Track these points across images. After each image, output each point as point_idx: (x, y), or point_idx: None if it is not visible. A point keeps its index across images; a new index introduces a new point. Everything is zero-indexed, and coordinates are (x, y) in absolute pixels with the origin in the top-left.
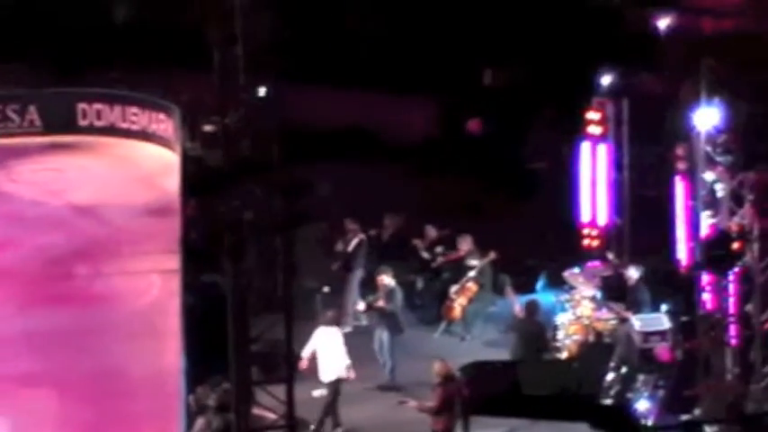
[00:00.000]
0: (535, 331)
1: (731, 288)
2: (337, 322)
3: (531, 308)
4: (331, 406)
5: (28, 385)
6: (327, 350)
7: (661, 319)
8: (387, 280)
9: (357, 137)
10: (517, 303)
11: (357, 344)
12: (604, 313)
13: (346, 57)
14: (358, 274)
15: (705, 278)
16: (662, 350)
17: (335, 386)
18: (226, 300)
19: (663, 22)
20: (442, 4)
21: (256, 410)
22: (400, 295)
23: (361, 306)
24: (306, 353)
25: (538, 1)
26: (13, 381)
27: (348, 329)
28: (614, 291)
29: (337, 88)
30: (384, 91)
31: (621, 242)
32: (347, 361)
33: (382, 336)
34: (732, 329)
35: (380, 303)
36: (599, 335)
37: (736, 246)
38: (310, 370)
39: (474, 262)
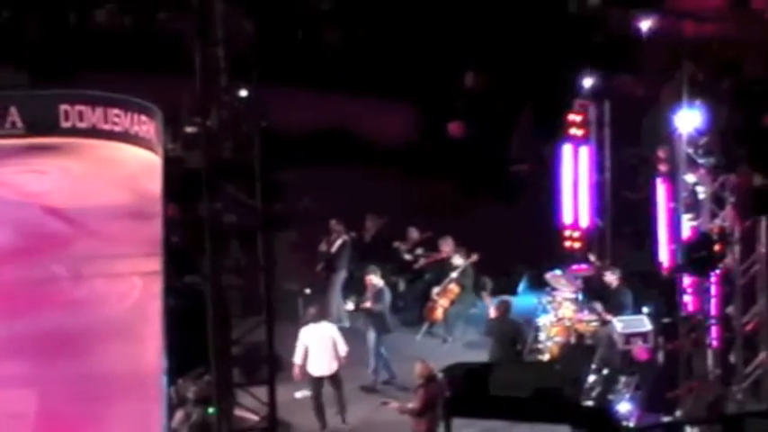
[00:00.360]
0: (510, 330)
1: (712, 290)
2: (323, 317)
3: (503, 307)
4: (317, 401)
5: (10, 388)
6: (317, 346)
7: (642, 321)
8: (375, 280)
9: (338, 139)
10: (492, 306)
11: (350, 344)
12: (586, 315)
13: (328, 60)
14: (341, 275)
15: (686, 280)
16: (639, 350)
17: (317, 381)
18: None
19: (644, 25)
20: (424, 7)
21: (238, 412)
22: (389, 296)
23: (350, 306)
24: (298, 358)
25: (519, 4)
26: None
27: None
28: (596, 292)
29: (319, 91)
30: (366, 93)
31: (603, 244)
32: (340, 353)
33: (369, 336)
34: (713, 331)
35: (368, 304)
36: (580, 336)
37: (717, 248)
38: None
39: (457, 262)
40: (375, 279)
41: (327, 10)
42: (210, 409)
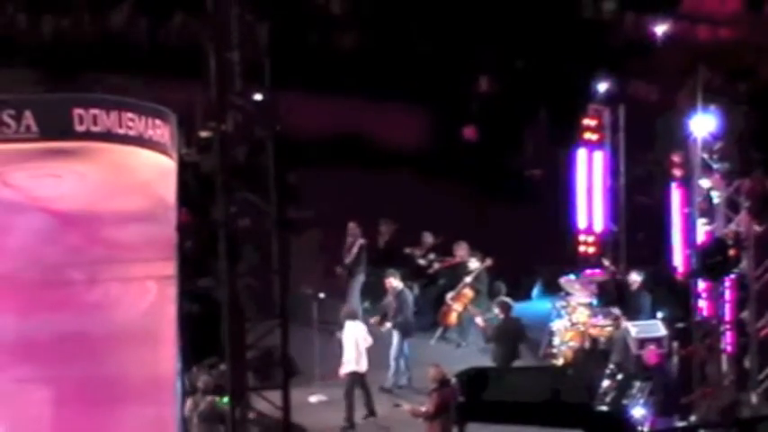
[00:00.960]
0: (513, 329)
1: (727, 295)
2: (354, 316)
3: (505, 306)
4: (349, 400)
5: (25, 391)
6: (348, 343)
7: (657, 326)
8: (395, 282)
9: (352, 143)
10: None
11: None
12: (600, 320)
13: (342, 64)
14: (360, 279)
15: (701, 285)
16: (650, 354)
17: (352, 378)
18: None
19: (659, 29)
20: (439, 12)
21: (252, 416)
22: (411, 297)
23: (373, 320)
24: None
25: (534, 9)
26: (11, 387)
27: None
28: (611, 297)
29: (332, 95)
30: (380, 98)
31: (617, 249)
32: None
33: (393, 339)
34: (728, 336)
35: (388, 324)
36: (594, 341)
37: (731, 253)
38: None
39: (472, 266)
40: (395, 282)
41: (341, 14)
42: (224, 399)
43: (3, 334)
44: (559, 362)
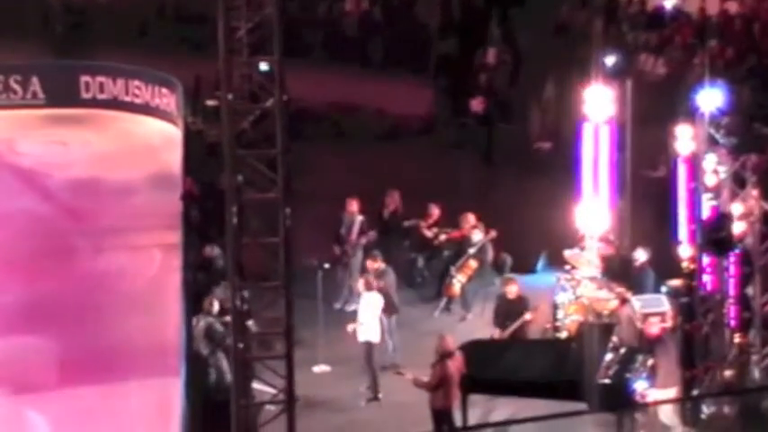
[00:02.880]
0: (519, 309)
1: (731, 270)
2: (370, 287)
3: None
4: (368, 366)
5: (29, 358)
6: (363, 313)
7: (661, 300)
8: (376, 265)
9: (359, 115)
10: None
11: None
12: (604, 293)
13: (350, 35)
14: (359, 255)
15: (706, 260)
16: (650, 325)
17: (367, 347)
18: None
19: (668, 3)
20: None
21: (256, 385)
22: (393, 276)
23: (360, 285)
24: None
25: None
26: (16, 354)
27: (353, 307)
28: (615, 271)
29: (340, 66)
30: (387, 70)
31: (623, 223)
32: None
33: (381, 318)
34: (732, 311)
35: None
36: (598, 315)
37: (737, 228)
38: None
39: (476, 238)
40: (376, 264)
41: None
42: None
43: (8, 301)
44: (563, 335)
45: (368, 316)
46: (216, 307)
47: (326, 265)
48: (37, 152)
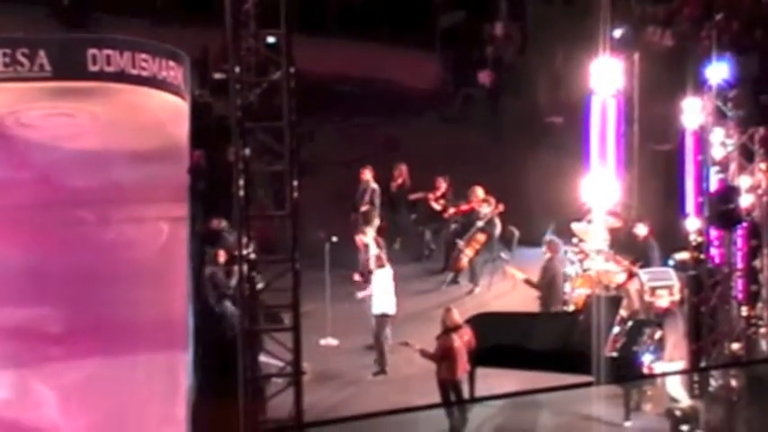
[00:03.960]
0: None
1: (739, 243)
2: (382, 264)
3: (555, 247)
4: (377, 339)
5: (35, 329)
6: (378, 287)
7: (668, 273)
8: (365, 239)
9: (367, 88)
10: (545, 246)
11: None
12: (612, 266)
13: (358, 8)
14: (374, 224)
15: (713, 233)
16: (660, 299)
17: (381, 320)
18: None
19: None
20: None
21: (263, 358)
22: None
23: (356, 277)
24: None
25: None
26: (21, 324)
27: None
28: (623, 244)
29: (348, 39)
30: (395, 42)
31: (630, 196)
32: (393, 299)
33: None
34: (739, 284)
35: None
36: (606, 288)
37: (744, 201)
38: None
39: (484, 211)
40: (366, 239)
41: None
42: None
43: (16, 272)
44: (570, 308)
45: (380, 290)
46: (222, 258)
47: (334, 239)
48: (43, 124)
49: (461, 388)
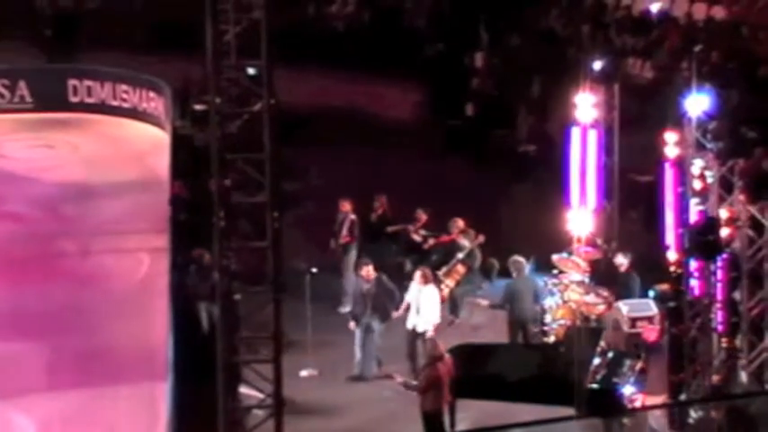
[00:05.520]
0: (530, 287)
1: (719, 274)
2: (427, 281)
3: (520, 266)
4: (411, 355)
5: (15, 361)
6: (416, 303)
7: (648, 305)
8: (372, 271)
9: (348, 118)
10: (512, 268)
11: None
12: (592, 298)
13: (338, 38)
14: (353, 255)
15: (693, 264)
16: (649, 331)
17: (413, 336)
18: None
19: (655, 7)
20: None
21: (243, 389)
22: (389, 283)
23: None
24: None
25: None
26: (3, 356)
27: (347, 309)
28: (603, 276)
29: (328, 69)
30: (375, 73)
31: (610, 227)
32: (431, 318)
33: (372, 324)
34: (719, 315)
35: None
36: (586, 319)
37: (724, 232)
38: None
39: (464, 243)
40: (371, 270)
41: None
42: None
43: None
44: (551, 339)
45: (426, 308)
46: (206, 258)
47: (314, 270)
48: (23, 155)
49: (444, 419)
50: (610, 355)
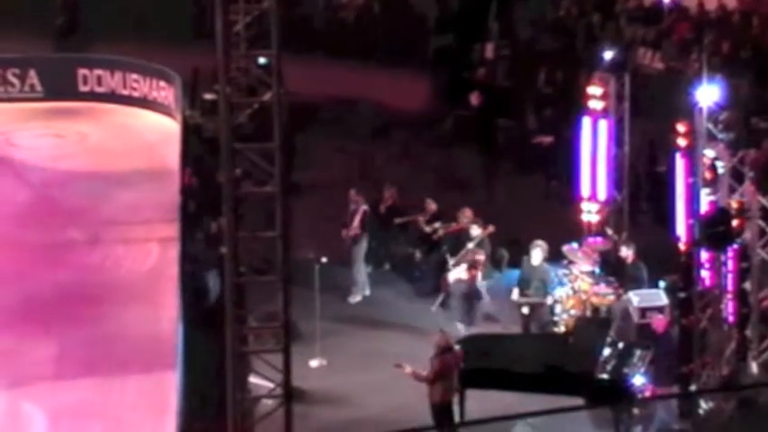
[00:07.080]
0: (544, 272)
1: (729, 265)
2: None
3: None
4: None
5: (27, 350)
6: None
7: (659, 295)
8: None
9: (357, 109)
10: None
11: (365, 314)
12: (602, 288)
13: (348, 29)
14: (363, 245)
15: (704, 255)
16: (658, 321)
17: None
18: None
19: None
20: None
21: (253, 379)
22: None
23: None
24: None
25: None
26: (11, 346)
27: (357, 299)
28: (612, 266)
29: (338, 60)
30: (385, 63)
31: (621, 218)
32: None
33: None
34: (729, 306)
35: None
36: (596, 310)
37: (735, 223)
38: None
39: (474, 233)
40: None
41: None
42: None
43: (3, 294)
44: (561, 330)
45: None
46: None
47: (324, 259)
48: (33, 145)
49: (452, 410)
50: (620, 345)
